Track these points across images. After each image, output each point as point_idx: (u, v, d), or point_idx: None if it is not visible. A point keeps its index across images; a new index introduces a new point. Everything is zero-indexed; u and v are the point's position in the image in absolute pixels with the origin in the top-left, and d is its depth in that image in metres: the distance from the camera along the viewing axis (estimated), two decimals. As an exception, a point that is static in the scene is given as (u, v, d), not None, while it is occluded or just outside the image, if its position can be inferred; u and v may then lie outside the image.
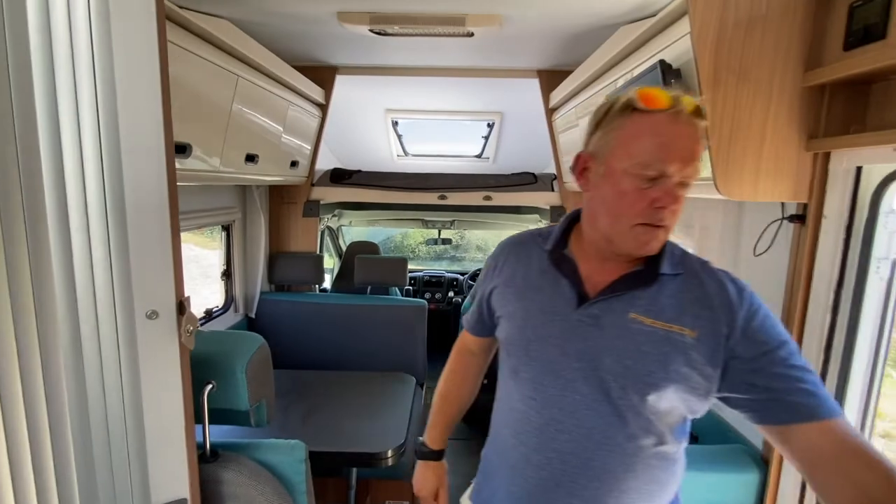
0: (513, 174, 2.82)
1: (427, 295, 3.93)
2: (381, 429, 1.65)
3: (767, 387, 0.68)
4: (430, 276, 4.08)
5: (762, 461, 1.27)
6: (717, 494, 1.25)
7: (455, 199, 2.76)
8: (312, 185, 2.63)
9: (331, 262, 3.80)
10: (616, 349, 0.72)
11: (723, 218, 1.51)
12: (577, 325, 0.75)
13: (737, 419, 1.43)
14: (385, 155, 3.12)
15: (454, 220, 3.78)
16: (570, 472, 0.76)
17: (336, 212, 3.38)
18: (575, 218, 0.85)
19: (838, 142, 1.02)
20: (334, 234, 3.73)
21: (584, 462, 0.75)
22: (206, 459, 0.77)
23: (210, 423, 0.78)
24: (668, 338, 0.71)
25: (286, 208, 2.61)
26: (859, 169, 1.05)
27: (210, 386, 0.76)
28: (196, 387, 0.71)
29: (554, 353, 0.76)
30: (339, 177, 2.74)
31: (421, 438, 1.07)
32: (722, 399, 0.73)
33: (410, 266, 3.51)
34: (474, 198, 2.72)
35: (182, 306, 0.64)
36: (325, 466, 2.08)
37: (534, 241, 0.87)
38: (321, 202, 2.67)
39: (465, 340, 1.05)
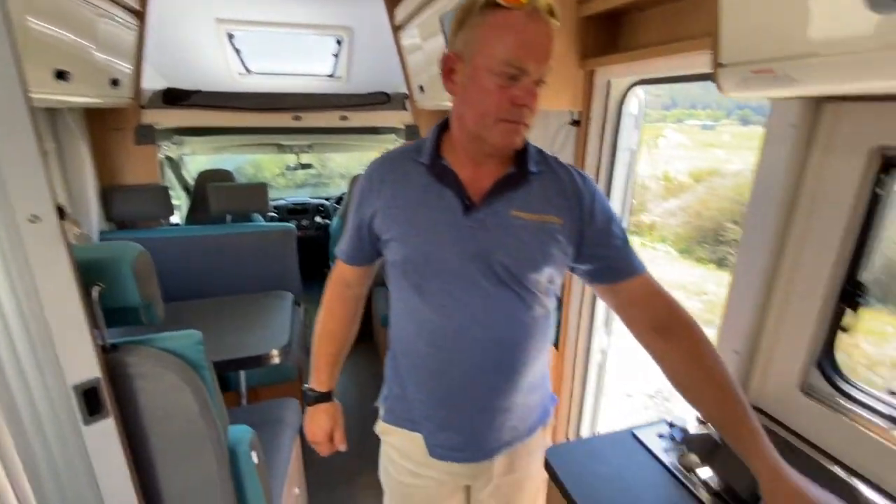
0: (367, 94, 2.86)
1: (293, 223, 3.91)
2: (264, 334, 1.79)
3: (605, 256, 0.84)
4: (294, 203, 4.01)
5: (559, 306, 1.78)
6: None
7: (310, 119, 2.73)
8: (142, 107, 2.36)
9: (178, 200, 3.47)
10: (504, 244, 0.81)
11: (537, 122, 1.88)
12: (468, 231, 0.81)
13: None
14: (223, 73, 2.88)
15: (312, 144, 3.71)
16: (490, 355, 0.86)
17: (175, 139, 3.07)
18: (443, 126, 0.88)
19: (598, 62, 1.38)
20: (176, 165, 3.40)
21: (499, 341, 0.86)
22: (109, 351, 0.86)
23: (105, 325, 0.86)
24: (542, 227, 0.82)
25: (114, 136, 2.32)
26: (613, 82, 1.45)
27: (98, 288, 0.83)
28: (84, 292, 0.78)
29: (454, 261, 0.82)
30: (173, 98, 2.49)
31: (307, 385, 1.06)
32: (570, 269, 0.89)
33: (272, 195, 3.41)
34: (330, 118, 2.72)
35: (61, 211, 0.70)
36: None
37: (407, 157, 0.87)
38: (156, 127, 2.43)
39: (342, 273, 1.01)
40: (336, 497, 1.94)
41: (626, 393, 3.14)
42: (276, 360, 1.69)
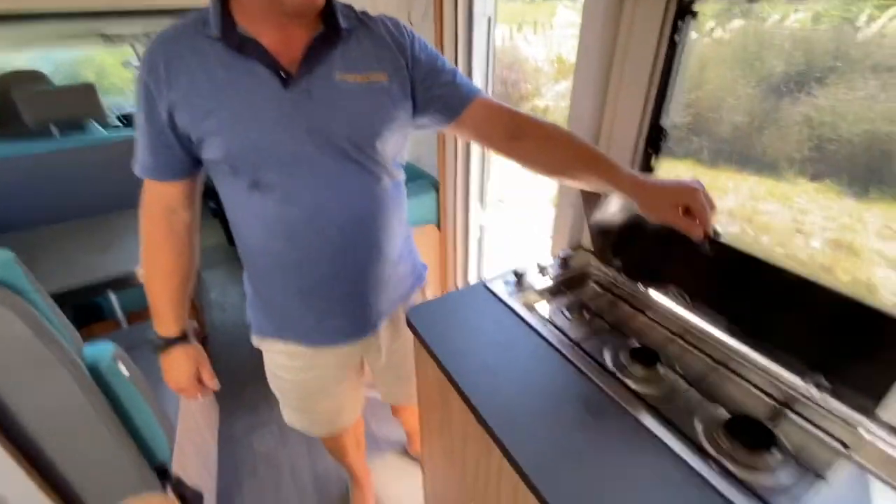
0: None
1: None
2: (128, 254, 1.64)
3: (440, 95, 0.83)
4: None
5: (436, 187, 1.82)
6: (418, 214, 1.80)
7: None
8: None
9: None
10: (338, 114, 0.75)
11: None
12: (293, 106, 0.73)
13: (420, 160, 1.94)
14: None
15: (149, 33, 3.09)
16: (348, 234, 0.84)
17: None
18: None
19: None
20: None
21: (355, 219, 0.83)
22: None
23: None
24: (372, 88, 0.77)
25: None
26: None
27: None
28: None
29: (288, 144, 0.74)
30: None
31: (152, 333, 0.94)
32: (417, 126, 0.87)
33: (118, 101, 2.89)
34: None
35: None
36: (84, 310, 2.00)
37: (191, 32, 0.72)
38: None
39: (159, 195, 0.83)
40: (246, 397, 2.01)
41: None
42: (146, 278, 1.58)
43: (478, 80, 1.54)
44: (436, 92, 0.83)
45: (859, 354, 0.69)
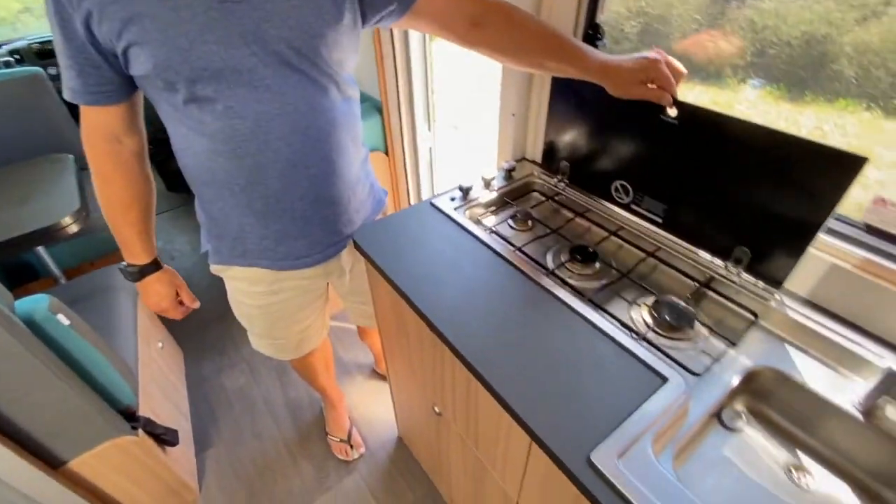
0: None
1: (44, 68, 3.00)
2: (47, 204, 1.52)
3: None
4: (41, 41, 3.01)
5: (379, 110, 1.74)
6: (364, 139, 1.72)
7: None
8: None
9: None
10: (271, 16, 0.69)
11: None
12: (222, 9, 0.66)
13: (361, 83, 1.83)
14: None
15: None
16: (298, 148, 0.80)
17: None
18: None
19: None
20: None
21: (304, 134, 0.79)
22: None
23: None
24: None
25: None
26: None
27: None
28: None
29: (221, 52, 0.68)
30: None
31: (123, 263, 0.94)
32: (372, 24, 0.82)
33: (6, 35, 2.49)
34: None
35: None
36: (16, 270, 1.88)
37: None
38: None
39: (97, 123, 0.78)
40: (210, 340, 2.01)
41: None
42: (75, 228, 1.49)
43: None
44: None
45: (775, 230, 0.75)
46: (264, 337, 1.17)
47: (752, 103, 0.90)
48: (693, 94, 1.00)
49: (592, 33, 0.96)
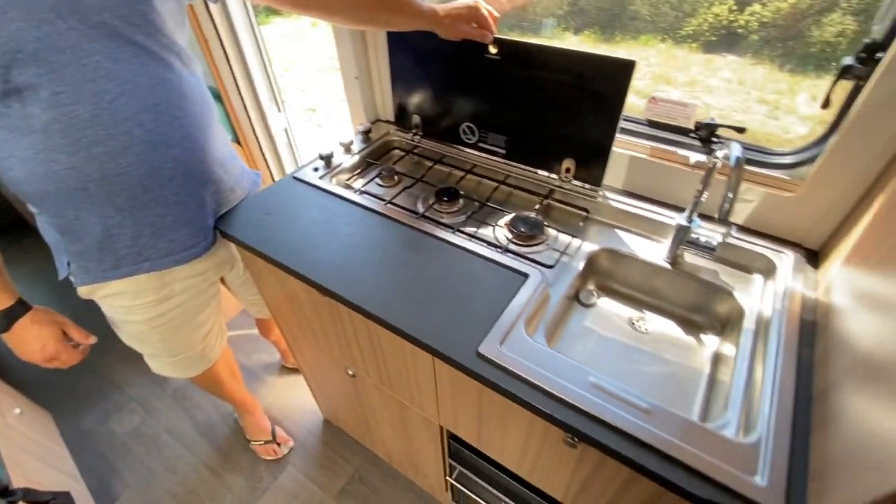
0: None
1: None
2: None
3: None
4: None
5: (218, 96, 1.62)
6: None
7: None
8: None
9: None
10: None
11: None
12: None
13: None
14: None
15: None
16: (149, 127, 0.74)
17: None
18: None
19: None
20: None
21: (156, 110, 0.74)
22: None
23: None
24: None
25: None
26: None
27: None
28: None
29: (31, 31, 0.60)
30: None
31: None
32: None
33: None
34: None
35: None
36: None
37: None
38: None
39: None
40: (82, 383, 1.77)
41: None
42: None
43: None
44: None
45: (587, 139, 0.91)
46: (163, 356, 1.06)
47: (574, 45, 1.05)
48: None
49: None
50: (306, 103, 3.60)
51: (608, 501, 0.71)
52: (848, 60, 0.68)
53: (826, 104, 0.72)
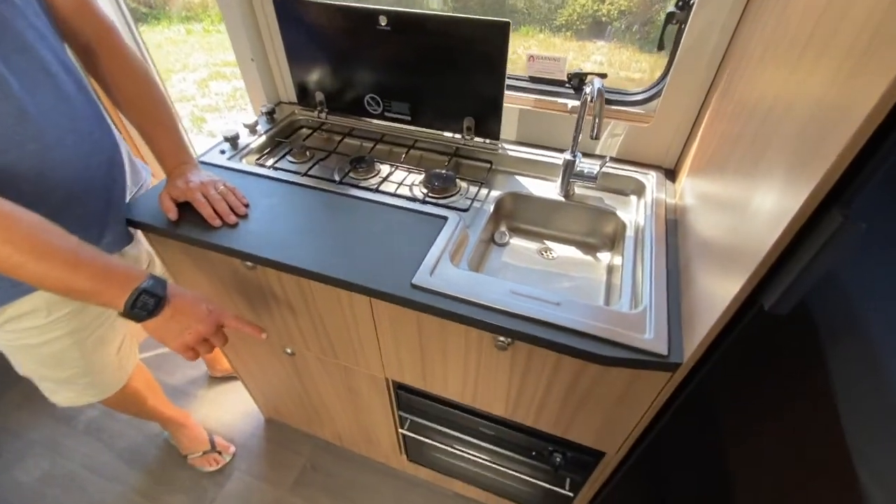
0: None
1: None
2: None
3: None
4: None
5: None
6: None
7: None
8: None
9: None
10: None
11: None
12: None
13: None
14: None
15: None
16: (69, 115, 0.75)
17: None
18: None
19: None
20: None
21: (82, 137, 0.77)
22: None
23: None
24: None
25: None
26: None
27: None
28: None
29: None
30: None
31: (134, 295, 0.67)
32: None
33: None
34: None
35: None
36: None
37: None
38: None
39: None
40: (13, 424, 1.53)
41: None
42: None
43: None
44: None
45: (480, 98, 1.01)
46: (80, 377, 0.98)
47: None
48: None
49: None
50: (195, 112, 3.36)
51: (541, 398, 0.82)
52: (671, 8, 0.85)
53: (661, 46, 0.89)
